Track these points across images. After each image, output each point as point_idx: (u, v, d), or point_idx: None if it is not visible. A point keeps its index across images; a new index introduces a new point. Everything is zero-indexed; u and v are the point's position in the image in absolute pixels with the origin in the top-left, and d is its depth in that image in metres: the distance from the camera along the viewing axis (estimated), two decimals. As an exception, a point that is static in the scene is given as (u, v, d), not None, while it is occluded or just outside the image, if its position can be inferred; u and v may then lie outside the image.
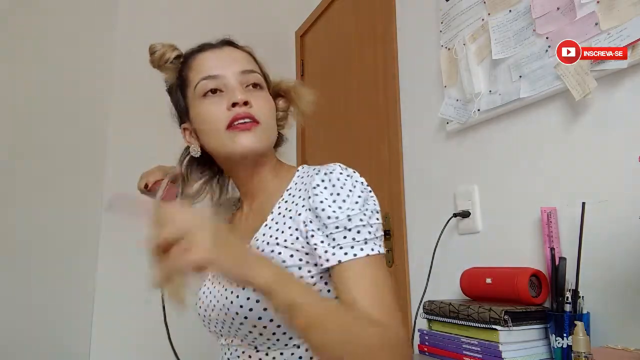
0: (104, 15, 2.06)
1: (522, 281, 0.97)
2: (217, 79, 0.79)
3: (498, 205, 1.18)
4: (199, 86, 0.79)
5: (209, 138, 0.80)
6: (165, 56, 0.84)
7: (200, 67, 0.81)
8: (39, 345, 1.71)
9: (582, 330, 0.75)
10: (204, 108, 0.79)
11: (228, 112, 0.76)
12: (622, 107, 0.92)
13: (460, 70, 1.28)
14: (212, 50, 0.83)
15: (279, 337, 0.73)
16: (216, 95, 0.78)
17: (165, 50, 0.85)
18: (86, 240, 1.85)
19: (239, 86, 0.78)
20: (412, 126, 1.54)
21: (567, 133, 1.02)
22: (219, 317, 0.77)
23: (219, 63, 0.80)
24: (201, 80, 0.79)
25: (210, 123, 0.78)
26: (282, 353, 0.74)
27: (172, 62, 0.85)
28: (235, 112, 0.76)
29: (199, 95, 0.79)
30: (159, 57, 0.85)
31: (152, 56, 0.86)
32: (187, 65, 0.84)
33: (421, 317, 1.13)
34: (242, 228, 0.86)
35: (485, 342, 0.92)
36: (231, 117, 0.76)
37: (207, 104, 0.79)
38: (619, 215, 0.90)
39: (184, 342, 1.02)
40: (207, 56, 0.82)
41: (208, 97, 0.79)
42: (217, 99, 0.78)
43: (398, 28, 1.63)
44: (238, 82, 0.79)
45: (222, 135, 0.77)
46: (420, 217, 1.46)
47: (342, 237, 0.67)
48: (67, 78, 1.93)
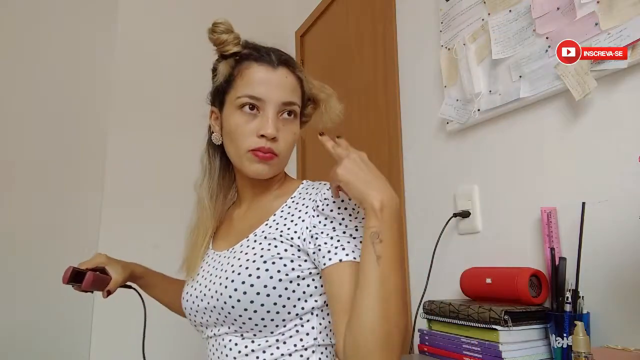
0: (104, 15, 2.06)
1: (522, 281, 0.97)
2: (259, 101, 0.83)
3: (498, 205, 1.18)
4: (241, 99, 0.83)
5: (229, 144, 0.87)
6: (226, 47, 0.86)
7: (249, 81, 0.84)
8: (39, 345, 1.71)
9: (582, 330, 0.75)
10: (236, 119, 0.84)
11: (255, 138, 0.82)
12: (622, 107, 0.92)
13: (460, 70, 1.28)
14: (266, 67, 0.85)
15: (266, 324, 0.77)
16: (252, 112, 0.83)
17: (228, 39, 0.86)
18: (86, 240, 1.85)
19: (274, 117, 0.83)
20: (412, 126, 1.54)
21: (567, 133, 1.02)
22: (209, 304, 0.81)
23: (267, 87, 0.83)
24: (245, 96, 0.83)
25: (236, 136, 0.84)
26: (267, 340, 0.78)
27: (230, 55, 0.87)
28: (261, 144, 0.82)
29: (238, 105, 0.84)
30: (220, 41, 0.86)
31: (214, 33, 0.86)
32: (239, 68, 0.85)
33: (421, 317, 1.13)
34: (240, 224, 0.91)
35: (485, 342, 0.92)
36: (256, 146, 0.82)
37: (240, 117, 0.83)
38: (619, 215, 0.90)
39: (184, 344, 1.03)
40: (260, 71, 0.84)
41: (244, 110, 0.83)
42: (251, 118, 0.83)
43: (398, 28, 1.63)
44: (276, 111, 0.83)
45: (242, 153, 0.83)
46: (420, 217, 1.46)
47: (346, 242, 0.76)
48: (67, 78, 1.93)
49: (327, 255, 0.75)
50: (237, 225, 0.93)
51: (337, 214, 0.78)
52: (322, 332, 0.80)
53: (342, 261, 0.73)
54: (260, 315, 0.76)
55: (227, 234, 0.94)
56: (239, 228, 0.91)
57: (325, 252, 0.75)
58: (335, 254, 0.74)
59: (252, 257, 0.79)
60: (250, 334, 0.79)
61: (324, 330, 0.81)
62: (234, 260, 0.82)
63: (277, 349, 0.77)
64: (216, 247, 0.93)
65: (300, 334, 0.78)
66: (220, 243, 0.93)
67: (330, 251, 0.75)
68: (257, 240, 0.82)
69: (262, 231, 0.83)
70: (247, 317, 0.76)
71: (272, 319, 0.77)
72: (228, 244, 0.89)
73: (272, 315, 0.76)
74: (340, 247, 0.75)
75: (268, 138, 0.82)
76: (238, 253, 0.82)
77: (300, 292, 0.78)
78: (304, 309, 0.78)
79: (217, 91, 0.89)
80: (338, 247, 0.75)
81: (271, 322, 0.77)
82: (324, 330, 0.81)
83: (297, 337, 0.78)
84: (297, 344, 0.78)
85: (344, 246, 0.75)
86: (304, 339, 0.78)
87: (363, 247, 0.69)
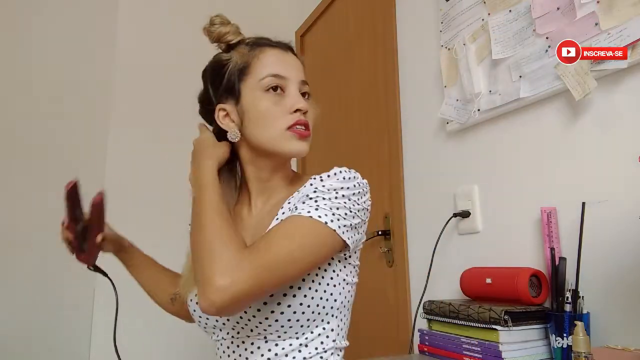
0: (104, 15, 2.06)
1: (522, 281, 0.97)
2: (283, 79, 0.83)
3: (498, 205, 1.18)
4: (266, 80, 0.83)
5: (262, 130, 0.83)
6: (228, 37, 0.86)
7: (268, 62, 0.84)
8: (39, 345, 1.71)
9: (582, 330, 0.75)
10: (265, 102, 0.83)
11: (290, 115, 0.82)
12: (622, 107, 0.92)
13: (460, 70, 1.28)
14: (279, 50, 0.87)
15: (292, 325, 0.75)
16: (277, 94, 0.83)
17: (229, 30, 0.86)
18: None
19: (298, 94, 0.84)
20: (412, 126, 1.54)
21: (567, 133, 1.02)
22: None
23: (286, 66, 0.85)
24: (270, 75, 0.83)
25: (270, 119, 0.82)
26: (291, 344, 0.76)
27: (235, 44, 0.87)
28: (298, 117, 0.82)
29: (262, 87, 0.83)
30: (220, 34, 0.86)
31: (211, 27, 0.87)
32: (253, 54, 0.85)
33: (421, 317, 1.13)
34: (251, 225, 0.88)
35: (485, 342, 0.92)
36: (294, 120, 0.82)
37: (269, 99, 0.83)
38: (619, 215, 0.90)
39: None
40: (275, 54, 0.86)
41: (270, 93, 0.83)
42: (279, 99, 0.83)
43: (398, 28, 1.63)
44: (298, 89, 0.85)
45: (280, 133, 0.82)
46: (420, 217, 1.46)
47: (307, 205, 0.74)
48: (67, 78, 1.93)
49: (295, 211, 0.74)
50: (248, 225, 0.89)
51: (321, 185, 0.77)
52: (339, 334, 0.80)
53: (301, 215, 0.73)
54: (286, 317, 0.75)
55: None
56: (251, 228, 0.87)
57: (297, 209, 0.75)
58: (302, 209, 0.73)
59: None
60: (274, 336, 0.77)
61: (340, 332, 0.81)
62: None
63: (299, 352, 0.76)
64: None
65: (321, 337, 0.78)
66: None
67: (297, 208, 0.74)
68: None
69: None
70: (273, 319, 0.75)
71: (298, 320, 0.75)
72: None
73: (298, 316, 0.75)
74: (314, 206, 0.73)
75: (303, 111, 0.82)
76: None
77: (324, 284, 0.77)
78: (327, 308, 0.77)
79: (227, 85, 0.86)
80: (310, 205, 0.74)
81: (297, 323, 0.76)
82: (340, 332, 0.80)
83: (318, 340, 0.78)
84: (318, 347, 0.77)
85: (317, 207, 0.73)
86: (324, 341, 0.78)
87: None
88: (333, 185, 0.76)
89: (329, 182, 0.77)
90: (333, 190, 0.75)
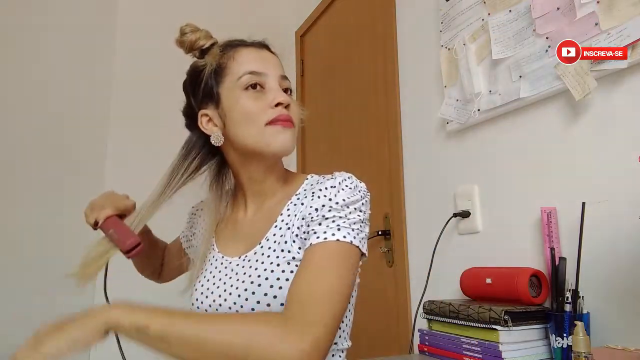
0: (104, 15, 2.07)
1: (522, 281, 0.97)
2: (261, 76, 0.82)
3: (498, 205, 1.18)
4: (244, 79, 0.81)
5: (245, 129, 0.81)
6: (199, 43, 0.86)
7: (244, 60, 0.83)
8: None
9: (582, 330, 0.75)
10: (245, 101, 0.81)
11: (271, 109, 0.80)
12: (622, 107, 0.92)
13: (460, 70, 1.28)
14: (253, 48, 0.86)
15: None
16: (257, 91, 0.81)
17: (199, 36, 0.85)
18: (86, 239, 1.85)
19: (279, 88, 0.82)
20: (412, 126, 1.54)
21: (567, 133, 1.02)
22: (237, 301, 0.77)
23: (263, 63, 0.84)
24: (247, 73, 0.81)
25: (251, 116, 0.80)
26: None
27: (208, 48, 0.86)
28: (279, 111, 0.80)
29: (241, 86, 0.81)
30: (191, 42, 0.86)
31: (182, 37, 0.86)
32: (228, 55, 0.84)
33: (421, 317, 1.13)
34: (247, 229, 0.87)
35: (485, 342, 0.92)
36: (275, 115, 0.80)
37: (248, 97, 0.81)
38: (619, 215, 0.90)
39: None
40: (250, 52, 0.85)
41: (249, 91, 0.81)
42: (259, 95, 0.81)
43: (398, 28, 1.63)
44: (278, 84, 0.83)
45: (262, 129, 0.80)
46: (420, 217, 1.46)
47: (326, 226, 0.72)
48: (67, 78, 1.93)
49: (314, 235, 0.72)
50: (244, 229, 0.88)
51: (328, 200, 0.75)
52: (342, 336, 0.80)
53: (312, 245, 0.70)
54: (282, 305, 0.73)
55: (235, 239, 0.88)
56: (247, 232, 0.86)
57: (313, 234, 0.72)
58: (317, 238, 0.71)
59: (270, 267, 0.76)
60: None
61: (343, 333, 0.80)
62: (250, 270, 0.78)
63: None
64: (225, 252, 0.88)
65: None
66: (228, 248, 0.88)
67: (313, 236, 0.72)
68: (270, 247, 0.79)
69: (274, 234, 0.80)
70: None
71: None
72: (238, 251, 0.85)
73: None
74: (335, 227, 0.72)
75: (284, 104, 0.81)
76: (254, 262, 0.79)
77: None
78: None
79: (205, 89, 0.85)
80: (318, 232, 0.72)
81: None
82: (342, 334, 0.80)
83: None
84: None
85: (338, 227, 0.72)
86: None
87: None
88: (345, 200, 0.75)
89: (340, 197, 0.75)
90: (346, 207, 0.74)
